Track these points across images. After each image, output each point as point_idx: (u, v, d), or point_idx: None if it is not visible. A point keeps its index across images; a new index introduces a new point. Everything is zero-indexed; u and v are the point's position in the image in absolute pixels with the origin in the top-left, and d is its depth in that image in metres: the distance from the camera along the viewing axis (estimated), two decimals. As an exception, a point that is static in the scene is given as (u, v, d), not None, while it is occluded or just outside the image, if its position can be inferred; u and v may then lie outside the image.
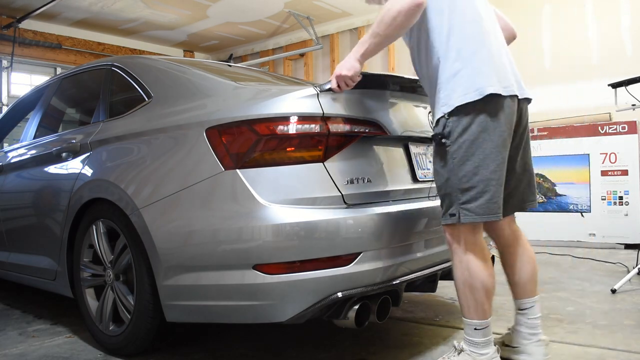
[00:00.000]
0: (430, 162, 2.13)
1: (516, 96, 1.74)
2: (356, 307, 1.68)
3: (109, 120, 2.42)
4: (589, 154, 5.11)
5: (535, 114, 5.68)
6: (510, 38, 2.02)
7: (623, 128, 4.95)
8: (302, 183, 1.69)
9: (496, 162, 1.65)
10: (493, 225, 1.89)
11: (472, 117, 1.63)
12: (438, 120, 1.70)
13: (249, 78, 2.40)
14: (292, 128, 1.71)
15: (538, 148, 5.38)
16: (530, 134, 5.71)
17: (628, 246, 4.81)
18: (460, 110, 1.64)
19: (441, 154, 1.70)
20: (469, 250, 1.70)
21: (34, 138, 3.04)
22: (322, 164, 1.73)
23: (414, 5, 1.62)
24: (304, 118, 1.72)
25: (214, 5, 6.88)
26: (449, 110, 1.65)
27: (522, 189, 1.89)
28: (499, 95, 1.64)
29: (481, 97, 1.61)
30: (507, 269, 1.95)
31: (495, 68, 1.68)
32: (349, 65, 1.72)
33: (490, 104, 1.63)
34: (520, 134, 1.83)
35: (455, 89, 1.65)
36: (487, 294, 1.71)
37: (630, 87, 3.44)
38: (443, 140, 1.67)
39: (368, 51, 1.71)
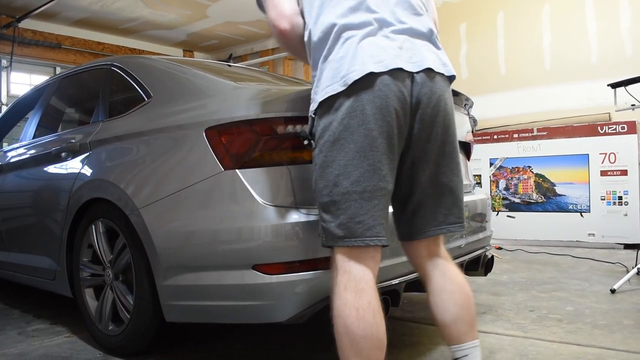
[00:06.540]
0: None
1: (405, 71, 1.33)
2: (355, 307, 1.67)
3: (108, 120, 2.42)
4: (588, 154, 5.11)
5: (535, 114, 5.72)
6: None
7: (622, 128, 4.95)
8: (302, 183, 1.69)
9: (360, 169, 1.29)
10: (404, 245, 1.55)
11: (335, 112, 1.32)
12: (309, 119, 1.44)
13: (249, 78, 2.40)
14: (292, 128, 1.71)
15: (537, 148, 5.39)
16: (527, 134, 5.63)
17: (627, 246, 4.82)
18: (324, 105, 1.35)
19: (312, 160, 1.42)
20: (338, 280, 1.33)
21: (34, 138, 3.04)
22: (321, 164, 1.72)
23: (279, 37, 1.52)
24: (303, 118, 1.72)
25: (213, 5, 6.88)
26: (315, 107, 1.39)
27: (431, 207, 1.45)
28: (370, 75, 1.29)
29: (346, 87, 1.30)
30: (429, 304, 1.53)
31: (371, 42, 1.33)
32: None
33: (355, 91, 1.30)
34: (426, 127, 1.38)
35: (322, 80, 1.37)
36: (354, 345, 1.27)
37: (630, 87, 3.44)
38: (305, 142, 1.43)
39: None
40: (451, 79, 1.47)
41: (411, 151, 1.40)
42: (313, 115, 1.40)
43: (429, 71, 1.37)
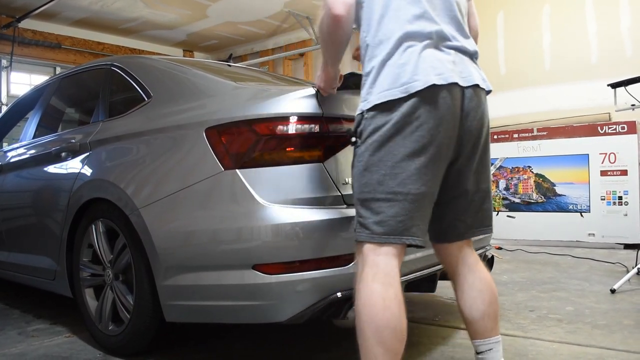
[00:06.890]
0: None
1: (458, 85, 1.41)
2: (355, 307, 1.67)
3: (108, 120, 2.42)
4: (588, 154, 5.11)
5: (535, 114, 5.72)
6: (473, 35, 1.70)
7: (622, 128, 4.95)
8: (302, 183, 1.69)
9: (407, 172, 1.35)
10: (437, 247, 1.63)
11: (389, 115, 1.37)
12: (356, 117, 1.46)
13: (249, 78, 2.40)
14: (292, 128, 1.71)
15: (537, 148, 5.39)
16: (527, 134, 5.64)
17: (627, 246, 4.81)
18: (378, 107, 1.39)
19: (354, 156, 1.46)
20: (366, 272, 1.37)
21: (34, 138, 3.04)
22: (321, 164, 1.73)
23: (331, 21, 1.45)
24: (303, 118, 1.72)
25: (213, 5, 6.88)
26: (367, 107, 1.41)
27: (476, 211, 1.56)
28: (432, 86, 1.35)
29: (406, 94, 1.35)
30: (457, 301, 1.61)
31: (431, 53, 1.39)
32: (319, 75, 1.70)
33: (414, 99, 1.35)
34: (472, 138, 1.47)
35: (378, 82, 1.40)
36: (378, 334, 1.31)
37: (630, 87, 3.44)
38: (352, 139, 1.46)
39: (328, 61, 1.63)
40: (488, 93, 1.56)
41: (458, 160, 1.47)
42: (363, 114, 1.43)
43: (475, 86, 1.46)
